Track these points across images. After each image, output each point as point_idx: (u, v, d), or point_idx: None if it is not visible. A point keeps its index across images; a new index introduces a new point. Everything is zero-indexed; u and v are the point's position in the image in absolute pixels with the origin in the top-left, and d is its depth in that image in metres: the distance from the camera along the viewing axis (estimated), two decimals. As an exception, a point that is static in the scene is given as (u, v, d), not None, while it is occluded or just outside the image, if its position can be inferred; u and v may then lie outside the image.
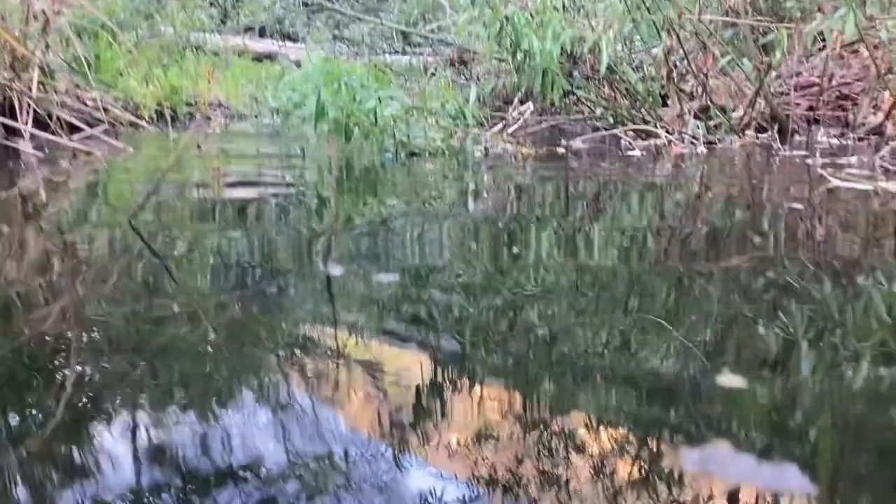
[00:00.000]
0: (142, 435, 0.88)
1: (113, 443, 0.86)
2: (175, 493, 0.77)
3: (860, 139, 4.48)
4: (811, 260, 1.72)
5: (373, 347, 1.19)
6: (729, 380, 1.02)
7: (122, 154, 3.86)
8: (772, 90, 4.76)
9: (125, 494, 0.76)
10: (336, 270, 1.57)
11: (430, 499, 0.76)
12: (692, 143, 4.24)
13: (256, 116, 6.50)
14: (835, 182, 2.80)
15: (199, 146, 4.27)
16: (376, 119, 3.87)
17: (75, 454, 0.84)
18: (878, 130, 4.44)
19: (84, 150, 3.91)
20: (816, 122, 4.95)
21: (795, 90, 4.96)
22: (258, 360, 1.12)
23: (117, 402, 0.96)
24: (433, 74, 6.06)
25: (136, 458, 0.84)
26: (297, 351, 1.16)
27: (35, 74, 4.46)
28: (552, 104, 5.20)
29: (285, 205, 2.47)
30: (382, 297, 1.43)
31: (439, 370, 1.09)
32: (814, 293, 1.44)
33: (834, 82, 5.00)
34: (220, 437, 0.88)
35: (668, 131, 4.36)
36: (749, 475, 0.80)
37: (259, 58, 7.92)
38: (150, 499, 0.76)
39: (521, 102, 5.03)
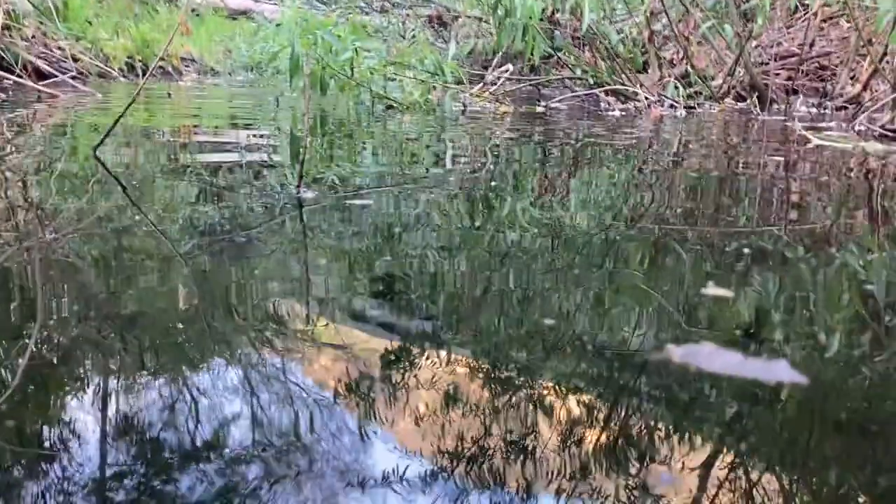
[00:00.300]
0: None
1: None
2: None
3: (838, 108, 4.47)
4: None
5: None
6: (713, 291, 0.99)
7: (89, 99, 3.74)
8: (752, 60, 4.73)
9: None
10: (309, 194, 1.52)
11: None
12: (672, 105, 4.21)
13: (230, 73, 6.35)
14: (816, 141, 2.79)
15: (169, 94, 4.16)
16: (352, 71, 3.78)
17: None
18: (856, 100, 4.42)
19: (51, 93, 3.79)
20: (795, 92, 4.93)
21: (775, 60, 4.94)
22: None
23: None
24: (412, 31, 5.95)
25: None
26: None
27: (0, 17, 4.31)
28: (532, 68, 5.13)
29: (253, 149, 2.40)
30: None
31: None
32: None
33: (814, 52, 4.98)
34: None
35: (647, 96, 4.31)
36: (735, 368, 0.76)
37: (234, 15, 7.72)
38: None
39: (501, 65, 4.95)
